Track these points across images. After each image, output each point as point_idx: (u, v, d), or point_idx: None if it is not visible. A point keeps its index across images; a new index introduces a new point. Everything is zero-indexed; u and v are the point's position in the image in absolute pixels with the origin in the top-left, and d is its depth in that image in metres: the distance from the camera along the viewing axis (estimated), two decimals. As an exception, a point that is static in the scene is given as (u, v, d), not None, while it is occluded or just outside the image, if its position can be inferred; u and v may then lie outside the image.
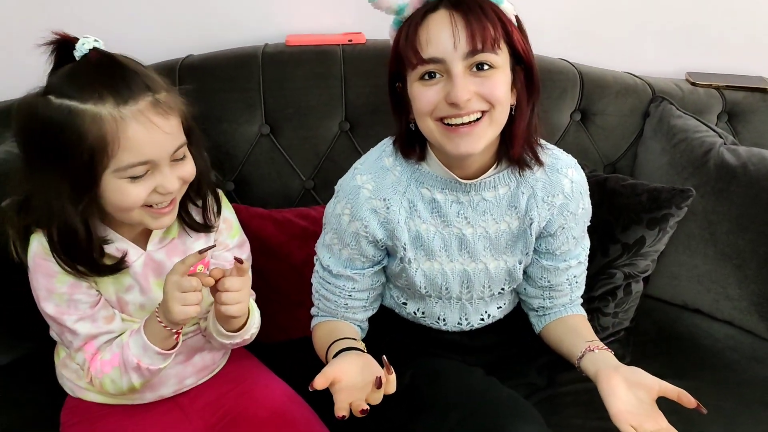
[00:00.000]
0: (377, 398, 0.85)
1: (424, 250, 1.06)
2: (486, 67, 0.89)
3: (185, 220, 1.03)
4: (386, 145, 1.07)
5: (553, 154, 1.05)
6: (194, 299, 0.89)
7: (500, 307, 1.17)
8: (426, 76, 0.91)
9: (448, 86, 0.89)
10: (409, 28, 0.91)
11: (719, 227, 1.34)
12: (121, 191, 0.87)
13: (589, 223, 1.13)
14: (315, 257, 1.13)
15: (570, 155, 1.08)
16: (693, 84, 1.58)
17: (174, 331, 0.93)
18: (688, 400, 0.90)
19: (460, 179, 1.00)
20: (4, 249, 1.16)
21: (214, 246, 0.92)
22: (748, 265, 1.31)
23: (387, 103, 1.40)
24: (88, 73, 0.85)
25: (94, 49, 0.87)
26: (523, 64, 0.94)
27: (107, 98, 0.84)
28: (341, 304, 1.10)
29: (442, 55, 0.88)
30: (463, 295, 1.11)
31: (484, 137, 0.92)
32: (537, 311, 1.16)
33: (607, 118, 1.51)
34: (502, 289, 1.12)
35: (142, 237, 1.01)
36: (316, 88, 1.42)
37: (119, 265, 0.96)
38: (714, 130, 1.42)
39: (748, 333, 1.35)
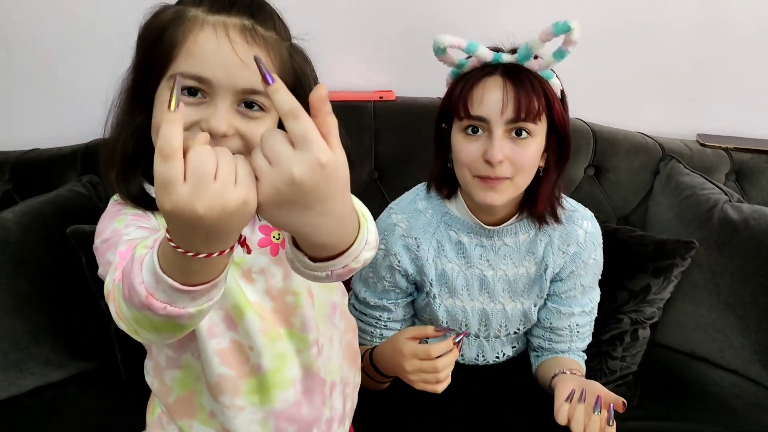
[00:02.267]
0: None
1: (447, 287, 1.15)
2: (524, 134, 1.00)
3: None
4: (420, 189, 1.18)
5: (571, 207, 1.15)
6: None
7: (515, 347, 1.26)
8: (469, 130, 1.02)
9: (486, 144, 1.00)
10: (466, 84, 1.02)
11: (722, 278, 1.40)
12: (164, 105, 0.65)
13: (599, 277, 1.21)
14: (349, 293, 1.22)
15: (587, 209, 1.18)
16: (703, 145, 1.66)
17: (197, 255, 0.52)
18: (617, 404, 0.95)
19: (484, 224, 1.11)
20: (64, 268, 1.31)
21: None
22: (750, 315, 1.36)
23: (413, 155, 1.53)
24: None
25: None
26: (557, 132, 1.05)
27: (205, 2, 0.73)
28: (377, 335, 1.19)
29: (488, 116, 1.00)
30: (481, 332, 1.20)
31: (506, 195, 1.03)
32: (536, 350, 1.23)
33: (619, 174, 1.60)
34: (518, 329, 1.21)
35: None
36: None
37: None
38: (720, 188, 1.50)
39: (752, 382, 1.39)
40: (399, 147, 1.55)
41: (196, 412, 0.87)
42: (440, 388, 0.98)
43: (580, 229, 1.14)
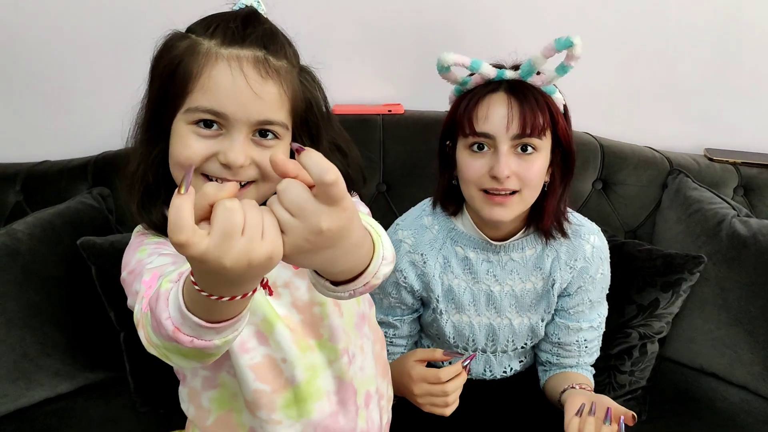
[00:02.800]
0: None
1: (454, 303, 1.15)
2: (529, 149, 1.01)
3: None
4: (425, 205, 1.18)
5: (577, 221, 1.15)
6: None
7: (522, 361, 1.25)
8: (475, 147, 1.03)
9: (492, 160, 1.01)
10: (471, 101, 1.03)
11: (731, 294, 1.39)
12: (182, 139, 0.73)
13: (607, 291, 1.21)
14: None
15: (594, 223, 1.18)
16: (711, 159, 1.66)
17: (221, 298, 0.53)
18: (627, 417, 0.95)
19: (490, 240, 1.11)
20: (75, 279, 1.31)
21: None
22: (759, 330, 1.36)
23: (420, 168, 1.54)
24: (224, 15, 0.76)
25: (250, 6, 0.79)
26: (562, 147, 1.06)
27: (217, 35, 0.73)
28: None
29: (493, 133, 1.00)
30: (488, 347, 1.20)
31: (514, 210, 1.04)
32: (544, 365, 1.23)
33: (627, 188, 1.59)
34: (525, 344, 1.20)
35: None
36: (357, 152, 1.56)
37: None
38: (728, 202, 1.50)
39: (762, 398, 1.38)
40: (407, 160, 1.56)
41: (236, 431, 0.88)
42: (448, 411, 0.99)
43: (587, 244, 1.14)
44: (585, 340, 1.18)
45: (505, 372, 1.25)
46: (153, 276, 0.70)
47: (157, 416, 1.30)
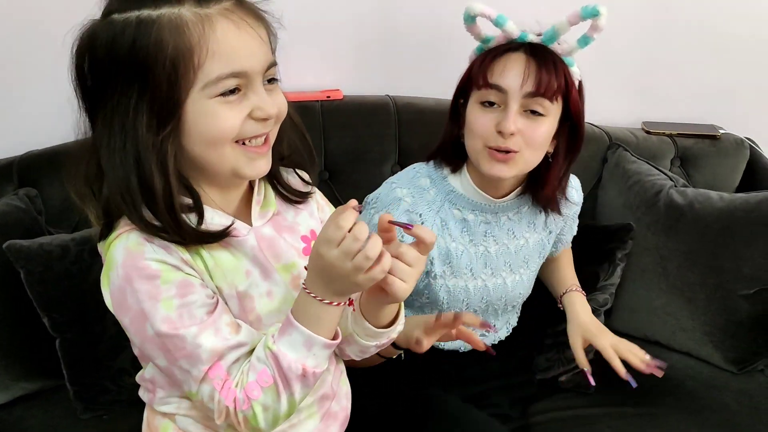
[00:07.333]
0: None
1: (451, 266, 1.15)
2: (538, 112, 1.02)
3: (281, 189, 0.87)
4: (419, 168, 1.18)
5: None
6: (371, 255, 0.67)
7: (507, 322, 1.27)
8: (486, 103, 1.04)
9: (500, 116, 1.02)
10: (488, 56, 1.05)
11: (670, 262, 1.42)
12: (212, 115, 0.70)
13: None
14: None
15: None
16: (648, 132, 1.69)
17: (341, 303, 0.73)
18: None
19: (490, 198, 1.12)
20: (2, 285, 1.25)
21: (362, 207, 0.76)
22: (698, 297, 1.39)
23: (364, 153, 1.52)
24: None
25: None
26: (571, 120, 1.07)
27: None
28: None
29: (506, 87, 1.02)
30: (480, 309, 1.20)
31: (513, 169, 1.06)
32: None
33: (568, 165, 1.62)
34: (516, 302, 1.24)
35: (241, 214, 0.82)
36: (297, 140, 1.52)
37: (226, 231, 0.76)
38: (665, 173, 1.53)
39: (706, 363, 1.42)
40: (349, 146, 1.53)
41: None
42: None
43: (573, 189, 1.22)
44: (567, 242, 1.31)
45: (483, 335, 1.24)
46: (217, 368, 0.73)
47: (99, 422, 1.26)
